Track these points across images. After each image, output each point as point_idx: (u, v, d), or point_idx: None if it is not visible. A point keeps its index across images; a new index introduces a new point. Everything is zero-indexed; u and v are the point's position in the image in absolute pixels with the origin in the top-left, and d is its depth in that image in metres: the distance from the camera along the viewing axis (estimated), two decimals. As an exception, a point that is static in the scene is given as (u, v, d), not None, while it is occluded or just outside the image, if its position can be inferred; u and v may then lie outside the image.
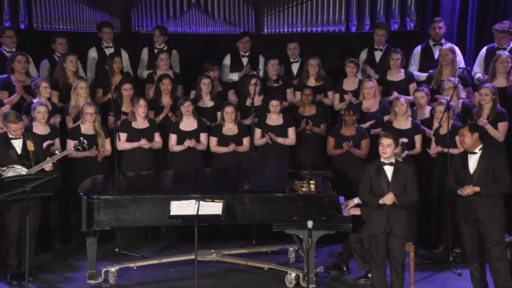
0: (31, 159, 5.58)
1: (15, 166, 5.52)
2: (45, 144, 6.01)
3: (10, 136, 5.57)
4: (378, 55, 7.64)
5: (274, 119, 6.84)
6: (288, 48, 7.55)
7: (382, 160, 5.22)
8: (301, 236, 5.46)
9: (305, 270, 5.47)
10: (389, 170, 5.18)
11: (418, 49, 7.56)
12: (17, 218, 5.55)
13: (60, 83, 6.86)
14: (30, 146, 5.59)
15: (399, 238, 5.15)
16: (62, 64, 6.88)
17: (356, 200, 5.61)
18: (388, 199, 5.09)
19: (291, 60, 7.66)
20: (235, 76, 7.67)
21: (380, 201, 5.11)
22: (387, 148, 5.16)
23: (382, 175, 5.17)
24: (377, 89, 6.95)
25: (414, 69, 7.53)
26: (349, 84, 7.30)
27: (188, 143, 6.54)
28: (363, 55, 7.70)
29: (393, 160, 5.20)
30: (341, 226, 5.39)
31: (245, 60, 7.68)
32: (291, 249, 6.18)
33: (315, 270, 5.47)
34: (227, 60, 7.71)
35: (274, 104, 6.77)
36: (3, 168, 5.47)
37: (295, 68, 7.66)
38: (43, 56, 7.30)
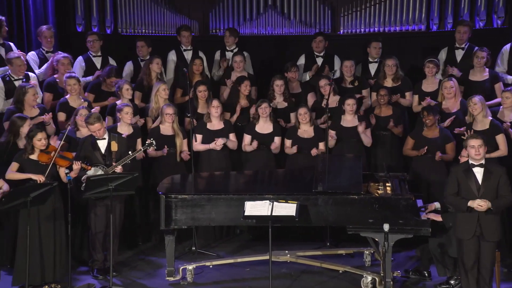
0: (113, 159, 5.80)
1: (99, 165, 5.78)
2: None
3: (96, 137, 5.83)
4: (459, 54, 7.38)
5: (349, 120, 6.75)
6: (372, 47, 7.45)
7: (471, 161, 5.01)
8: (377, 239, 5.37)
9: (382, 274, 5.38)
10: (478, 172, 4.95)
11: (506, 47, 7.23)
12: (102, 215, 5.79)
13: (145, 84, 7.10)
14: (114, 147, 5.82)
15: (490, 243, 4.92)
16: (149, 66, 7.11)
17: (436, 205, 5.44)
18: (482, 206, 4.85)
19: (370, 60, 7.55)
20: (306, 76, 7.65)
21: (470, 204, 4.86)
22: (479, 149, 4.95)
23: (471, 177, 4.96)
24: (457, 89, 6.72)
25: (501, 69, 7.20)
26: (429, 85, 7.09)
27: (255, 144, 6.56)
28: (443, 54, 7.46)
29: (483, 162, 4.98)
30: (419, 230, 5.26)
31: (319, 61, 7.66)
32: (367, 252, 6.09)
33: (392, 274, 5.35)
34: (301, 61, 7.71)
35: (350, 103, 6.69)
36: (90, 167, 5.74)
37: (373, 68, 7.55)
38: (127, 59, 7.59)
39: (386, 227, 4.93)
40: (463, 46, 7.35)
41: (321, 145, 6.63)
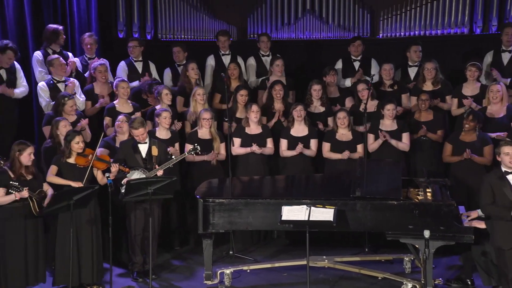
0: (154, 163, 5.89)
1: (139, 169, 5.86)
2: (169, 149, 6.26)
3: (137, 141, 5.91)
4: (506, 57, 7.21)
5: (388, 124, 6.67)
6: (412, 50, 7.36)
7: (504, 169, 4.88)
8: (417, 246, 5.28)
9: (423, 282, 5.28)
10: None
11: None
12: (141, 219, 5.87)
13: (187, 90, 7.16)
14: (154, 151, 5.91)
15: None
16: (185, 71, 7.19)
17: (479, 212, 5.31)
18: None
19: (410, 64, 7.46)
20: (348, 82, 7.59)
21: None
22: None
23: (506, 185, 4.84)
24: (505, 93, 6.56)
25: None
26: (469, 89, 6.95)
27: (299, 149, 6.56)
28: (489, 57, 7.30)
29: None
30: (461, 237, 5.15)
31: (357, 65, 7.60)
32: (407, 258, 5.99)
33: (433, 281, 5.25)
34: (338, 65, 7.67)
35: (389, 108, 6.61)
36: (128, 169, 5.83)
37: (412, 72, 7.45)
38: (166, 64, 7.69)
39: (426, 233, 4.84)
40: (510, 48, 7.16)
41: (359, 148, 6.56)
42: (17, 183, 5.20)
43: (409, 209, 5.24)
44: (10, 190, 5.21)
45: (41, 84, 6.84)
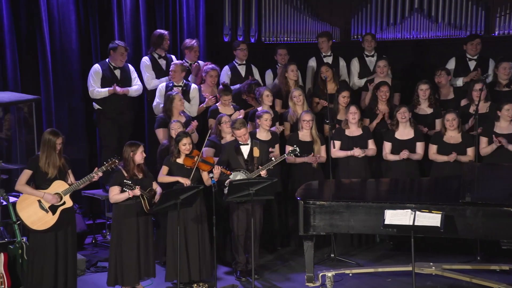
0: (255, 164, 5.96)
1: (241, 170, 5.96)
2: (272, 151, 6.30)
3: (240, 142, 6.03)
4: None
5: (505, 127, 6.29)
6: None
7: None
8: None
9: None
10: None
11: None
12: (243, 219, 5.97)
13: (283, 92, 7.22)
14: (256, 153, 5.99)
15: None
16: (284, 73, 7.23)
17: None
18: None
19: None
20: (459, 82, 7.24)
21: None
22: None
23: None
24: None
25: None
26: None
27: (404, 155, 6.35)
28: None
29: None
30: None
31: (472, 64, 7.24)
32: (526, 269, 5.60)
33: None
34: (451, 65, 7.35)
35: (508, 108, 6.24)
36: (230, 172, 5.95)
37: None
38: (268, 66, 7.78)
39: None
40: None
41: (469, 152, 6.23)
42: (130, 182, 5.47)
43: (528, 216, 4.90)
44: (124, 188, 5.50)
45: (161, 86, 7.11)
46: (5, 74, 7.05)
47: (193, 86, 7.14)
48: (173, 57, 7.56)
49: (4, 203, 5.82)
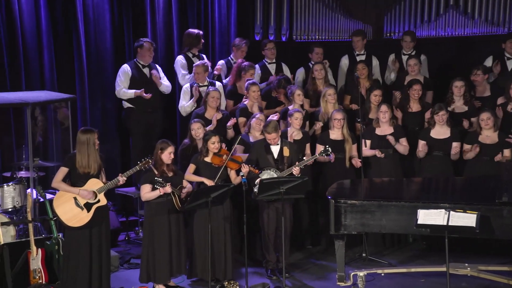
0: (285, 164, 5.95)
1: (270, 169, 5.95)
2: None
3: (271, 144, 6.01)
4: None
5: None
6: None
7: None
8: None
9: None
10: None
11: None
12: (273, 217, 5.96)
13: (310, 91, 7.17)
14: (286, 152, 5.97)
15: None
16: (313, 72, 7.19)
17: None
18: None
19: None
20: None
21: None
22: None
23: None
24: None
25: None
26: None
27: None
28: None
29: None
30: None
31: (510, 64, 7.06)
32: None
33: None
34: (488, 63, 7.21)
35: None
36: (258, 171, 5.94)
37: None
38: (299, 64, 7.74)
39: None
40: None
41: (507, 152, 6.09)
42: (161, 179, 5.53)
43: None
44: (155, 186, 5.55)
45: (185, 87, 7.19)
46: (43, 74, 7.20)
47: (218, 84, 7.16)
48: (204, 56, 7.61)
49: (41, 199, 5.95)
